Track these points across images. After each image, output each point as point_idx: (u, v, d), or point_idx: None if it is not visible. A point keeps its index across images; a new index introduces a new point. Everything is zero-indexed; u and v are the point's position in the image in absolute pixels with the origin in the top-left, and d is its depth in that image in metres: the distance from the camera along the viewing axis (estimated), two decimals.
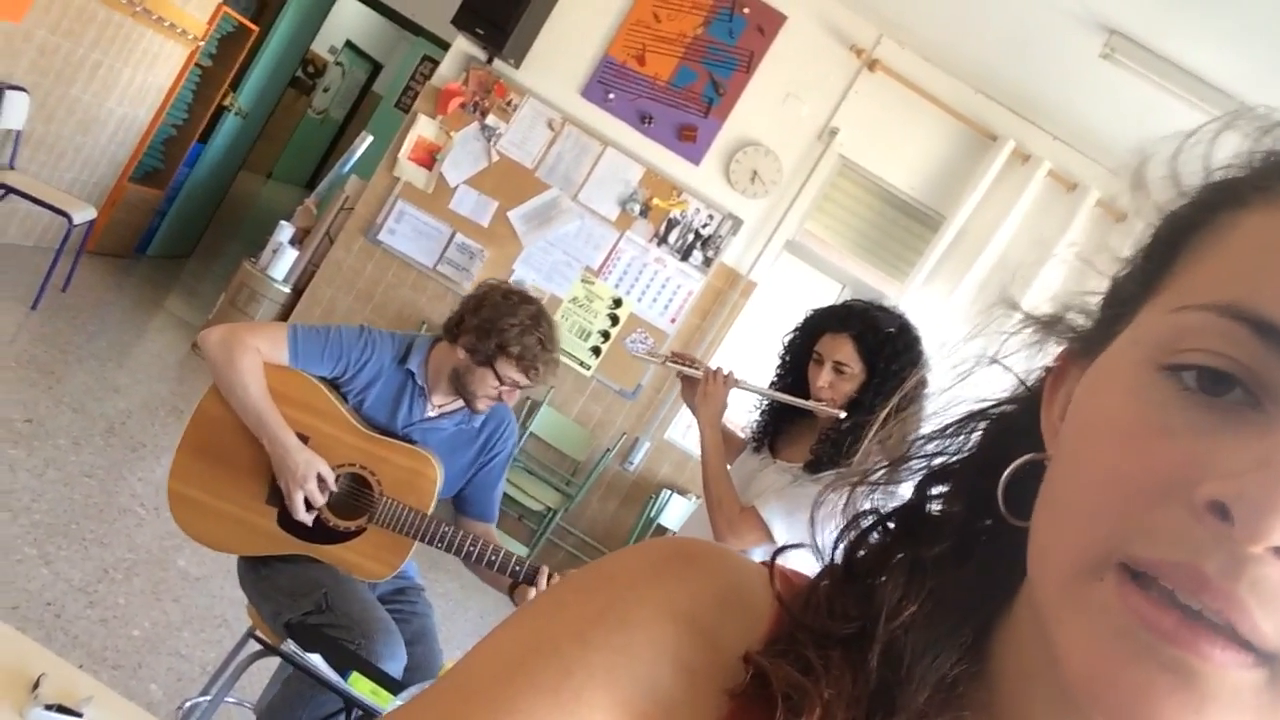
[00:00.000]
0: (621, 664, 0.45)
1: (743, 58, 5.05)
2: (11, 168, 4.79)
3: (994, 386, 0.51)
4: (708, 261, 5.13)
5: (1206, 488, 0.35)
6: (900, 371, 2.24)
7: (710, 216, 5.11)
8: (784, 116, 5.08)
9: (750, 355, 5.23)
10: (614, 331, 5.18)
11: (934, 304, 4.99)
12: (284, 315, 5.30)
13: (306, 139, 12.55)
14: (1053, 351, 0.49)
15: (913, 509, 0.50)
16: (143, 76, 5.58)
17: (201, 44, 5.86)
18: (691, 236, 5.12)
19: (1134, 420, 0.38)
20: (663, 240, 5.12)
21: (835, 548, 0.51)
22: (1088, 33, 3.74)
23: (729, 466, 2.43)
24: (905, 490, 0.51)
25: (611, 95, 5.09)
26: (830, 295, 5.39)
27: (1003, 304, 0.51)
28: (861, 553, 0.50)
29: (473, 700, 0.44)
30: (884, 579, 0.48)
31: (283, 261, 5.36)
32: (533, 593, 2.25)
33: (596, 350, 5.19)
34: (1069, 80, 4.33)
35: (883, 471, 0.51)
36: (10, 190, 4.59)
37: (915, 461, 0.51)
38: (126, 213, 6.06)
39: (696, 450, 5.49)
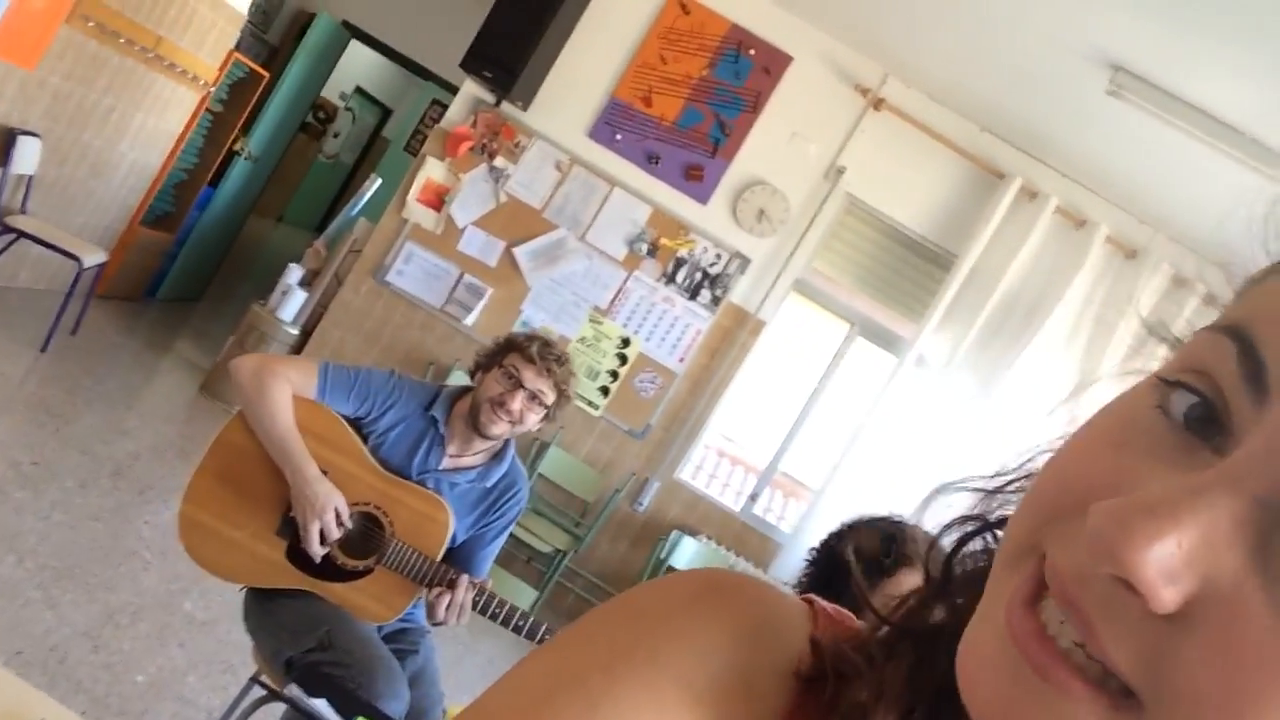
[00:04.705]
0: (649, 701, 0.44)
1: (749, 98, 5.08)
2: (23, 212, 4.83)
3: None
4: (716, 300, 5.12)
5: (1093, 505, 0.33)
6: None
7: (718, 255, 5.11)
8: (790, 156, 5.10)
9: (759, 394, 5.22)
10: (622, 371, 5.16)
11: (949, 344, 4.97)
12: None
13: (316, 183, 12.65)
14: None
15: None
16: (154, 121, 5.64)
17: (213, 89, 5.92)
18: (699, 275, 5.12)
19: (1104, 428, 0.37)
20: (670, 279, 5.12)
21: (932, 547, 0.49)
22: (1093, 70, 3.76)
23: None
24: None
25: (618, 136, 5.12)
26: (839, 334, 5.38)
27: (1153, 331, 0.49)
28: (962, 557, 0.48)
29: None
30: (967, 575, 0.47)
31: (292, 303, 5.37)
32: (447, 597, 2.21)
33: (605, 390, 5.17)
34: (1075, 117, 4.34)
35: (1022, 482, 0.48)
36: (21, 234, 4.62)
37: None
38: (137, 256, 6.09)
39: (707, 490, 5.45)
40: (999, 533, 0.48)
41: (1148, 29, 3.35)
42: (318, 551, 2.24)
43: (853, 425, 5.12)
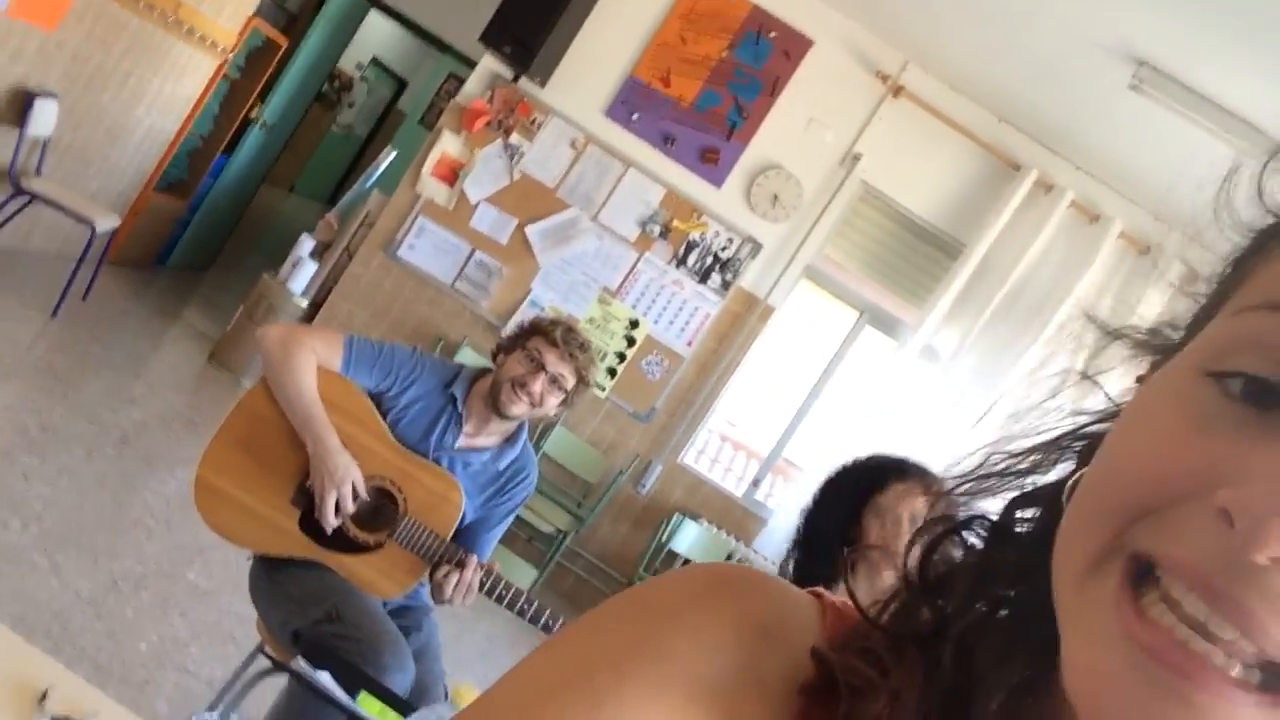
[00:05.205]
0: (656, 699, 0.43)
1: (767, 81, 5.04)
2: (38, 174, 4.82)
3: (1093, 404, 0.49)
4: (726, 285, 5.11)
5: (1221, 494, 0.33)
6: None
7: (730, 240, 5.09)
8: (807, 141, 5.07)
9: (765, 380, 5.20)
10: (629, 353, 5.16)
11: (956, 333, 4.95)
12: None
13: (330, 154, 12.61)
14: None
15: (998, 526, 0.48)
16: (171, 87, 5.62)
17: (230, 56, 5.90)
18: (710, 259, 5.10)
19: (1172, 419, 0.37)
20: (681, 262, 5.11)
21: (909, 552, 0.49)
22: (1116, 63, 3.72)
23: None
24: (987, 505, 0.49)
25: (635, 116, 5.09)
26: (848, 322, 5.36)
27: (1092, 322, 0.48)
28: (935, 559, 0.48)
29: None
30: (960, 578, 0.47)
31: (302, 275, 5.37)
32: (455, 577, 2.22)
33: (612, 371, 5.17)
34: (1095, 111, 4.30)
35: (969, 485, 0.49)
36: (35, 197, 4.62)
37: (1005, 479, 0.49)
38: (149, 222, 6.09)
39: (710, 474, 5.45)
40: (964, 534, 0.48)
41: (1173, 24, 3.31)
42: (332, 522, 2.25)
43: (852, 408, 5.11)
